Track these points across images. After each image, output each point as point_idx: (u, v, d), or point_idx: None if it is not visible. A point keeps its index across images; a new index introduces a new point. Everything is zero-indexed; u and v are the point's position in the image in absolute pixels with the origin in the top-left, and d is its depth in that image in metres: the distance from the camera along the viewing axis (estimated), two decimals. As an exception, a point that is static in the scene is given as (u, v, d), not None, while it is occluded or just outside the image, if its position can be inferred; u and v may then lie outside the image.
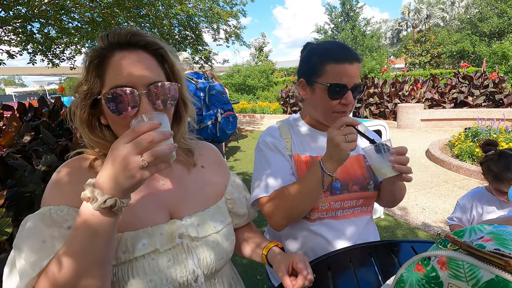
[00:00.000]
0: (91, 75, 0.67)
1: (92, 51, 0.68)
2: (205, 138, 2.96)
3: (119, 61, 0.66)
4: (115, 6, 5.33)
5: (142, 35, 0.69)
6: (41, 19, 4.88)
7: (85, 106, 0.69)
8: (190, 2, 7.78)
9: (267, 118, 13.29)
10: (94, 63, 0.67)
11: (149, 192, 0.77)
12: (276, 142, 1.11)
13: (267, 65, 21.98)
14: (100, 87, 0.68)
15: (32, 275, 0.59)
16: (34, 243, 0.61)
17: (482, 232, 0.48)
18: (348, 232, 1.09)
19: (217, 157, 0.97)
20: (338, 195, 1.06)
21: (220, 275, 0.86)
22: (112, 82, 0.66)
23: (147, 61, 0.69)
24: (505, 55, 15.30)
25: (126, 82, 0.65)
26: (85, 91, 0.68)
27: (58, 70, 8.00)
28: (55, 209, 0.66)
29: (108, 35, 0.68)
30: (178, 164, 0.85)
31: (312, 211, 1.05)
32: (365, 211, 1.14)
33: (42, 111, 4.41)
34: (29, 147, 3.03)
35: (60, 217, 0.65)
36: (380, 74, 14.83)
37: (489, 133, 5.53)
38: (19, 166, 2.47)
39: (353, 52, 1.00)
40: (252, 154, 7.66)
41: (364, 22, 29.03)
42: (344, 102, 0.98)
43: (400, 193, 1.13)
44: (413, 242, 0.99)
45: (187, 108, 0.82)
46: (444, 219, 3.41)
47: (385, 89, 10.53)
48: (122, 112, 0.66)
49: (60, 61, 6.65)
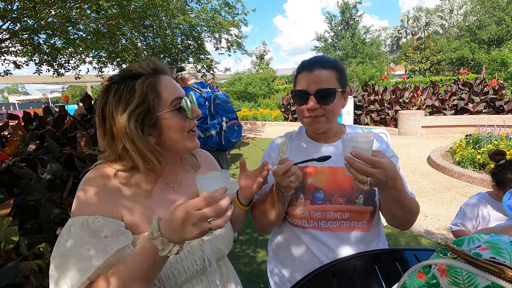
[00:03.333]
0: (150, 96, 0.80)
1: (144, 78, 0.81)
2: (211, 147, 3.00)
3: (166, 81, 0.84)
4: (119, 17, 5.44)
5: (165, 65, 0.88)
6: (48, 30, 4.98)
7: (143, 124, 0.80)
8: (193, 12, 7.93)
9: (269, 126, 13.35)
10: (150, 87, 0.81)
11: (166, 197, 0.89)
12: (271, 151, 1.24)
13: (268, 72, 22.17)
14: (159, 104, 0.81)
15: (82, 280, 0.68)
16: (80, 250, 0.70)
17: (479, 241, 0.50)
18: (334, 246, 1.06)
19: (211, 159, 1.14)
20: (320, 205, 1.07)
21: (223, 260, 1.03)
22: (169, 96, 0.83)
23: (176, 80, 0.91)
24: (504, 62, 15.39)
25: (178, 94, 0.85)
26: (145, 110, 0.80)
27: (61, 79, 8.11)
28: (91, 219, 0.74)
29: (149, 63, 0.84)
30: (187, 169, 0.99)
31: (292, 216, 1.11)
32: (357, 226, 1.07)
33: (47, 119, 4.47)
34: (34, 156, 3.06)
35: (97, 227, 0.73)
36: (381, 81, 14.92)
37: (490, 140, 5.55)
38: (25, 175, 2.50)
39: (320, 60, 1.07)
40: (254, 161, 7.67)
41: (363, 30, 29.35)
42: (308, 107, 1.04)
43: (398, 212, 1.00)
44: (416, 250, 1.01)
45: None
46: (447, 226, 3.41)
47: (385, 96, 10.59)
48: (183, 117, 0.84)
49: (65, 71, 6.75)
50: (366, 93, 11.03)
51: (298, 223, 1.11)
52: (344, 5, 28.63)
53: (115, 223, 0.77)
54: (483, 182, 4.47)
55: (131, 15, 5.34)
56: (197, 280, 0.89)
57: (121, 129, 0.79)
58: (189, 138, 0.87)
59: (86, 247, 0.71)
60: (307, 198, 1.08)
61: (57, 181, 2.71)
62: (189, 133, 0.87)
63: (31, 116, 4.35)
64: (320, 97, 1.03)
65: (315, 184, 1.10)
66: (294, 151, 1.20)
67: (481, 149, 5.22)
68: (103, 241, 0.72)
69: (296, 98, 1.09)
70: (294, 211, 1.09)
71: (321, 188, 1.08)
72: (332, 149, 1.15)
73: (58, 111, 4.70)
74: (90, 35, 5.89)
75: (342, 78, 1.09)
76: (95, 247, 0.71)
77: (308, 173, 1.12)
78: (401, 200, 0.94)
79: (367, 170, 0.79)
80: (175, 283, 0.83)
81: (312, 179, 1.11)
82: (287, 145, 1.22)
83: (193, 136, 0.89)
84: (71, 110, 7.05)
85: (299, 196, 1.09)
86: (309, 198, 1.08)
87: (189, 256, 0.85)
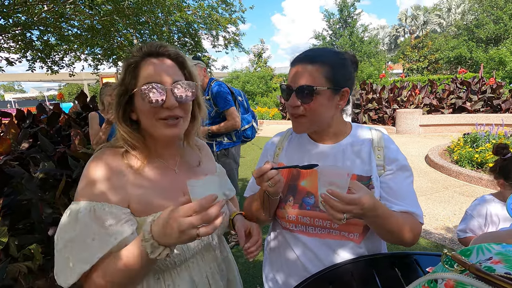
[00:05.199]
0: (128, 76, 0.84)
1: (129, 58, 0.86)
2: (247, 137, 3.18)
3: (150, 65, 0.84)
4: (114, 14, 5.34)
5: (168, 47, 0.87)
6: (40, 26, 4.89)
7: (122, 101, 0.85)
8: (190, 9, 7.84)
9: (266, 124, 13.31)
10: (130, 68, 0.84)
11: (167, 179, 0.92)
12: (270, 147, 1.21)
13: (266, 71, 22.11)
14: (135, 85, 0.84)
15: (84, 269, 0.72)
16: (85, 239, 0.74)
17: (490, 252, 0.46)
18: (321, 254, 1.01)
19: (208, 151, 1.17)
20: (308, 210, 1.01)
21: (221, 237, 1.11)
22: (145, 80, 0.82)
23: (171, 65, 0.87)
24: (502, 61, 15.44)
25: (156, 79, 0.82)
26: (123, 90, 0.85)
27: (57, 76, 8.01)
28: (98, 206, 0.77)
29: (143, 47, 0.86)
30: (190, 156, 1.02)
31: (280, 218, 1.08)
32: (347, 237, 1.00)
33: (40, 117, 4.40)
34: (26, 154, 3.00)
35: (103, 215, 0.76)
36: (379, 80, 14.90)
37: (488, 139, 5.54)
38: (16, 174, 2.44)
39: (310, 55, 0.99)
40: (251, 160, 7.63)
41: (362, 28, 29.31)
42: (288, 103, 0.99)
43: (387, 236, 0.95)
44: (416, 255, 0.97)
45: (201, 109, 0.97)
46: (445, 226, 3.39)
47: (383, 95, 10.58)
48: (153, 102, 0.81)
49: (59, 68, 6.65)
50: (364, 91, 11.02)
51: (286, 226, 1.07)
52: (342, 3, 28.57)
53: (120, 210, 0.79)
54: (481, 181, 4.46)
55: (126, 11, 5.25)
56: (200, 255, 0.96)
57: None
58: (162, 125, 0.85)
59: (91, 236, 0.74)
60: (296, 202, 1.03)
61: (50, 180, 2.65)
62: (162, 121, 0.85)
63: (25, 114, 4.29)
64: (301, 95, 0.95)
65: (307, 187, 1.04)
66: (291, 150, 1.14)
67: (479, 148, 5.21)
68: (108, 230, 0.75)
69: (282, 93, 1.05)
70: (282, 214, 1.05)
71: (313, 193, 1.02)
72: (330, 150, 1.07)
73: (52, 109, 4.63)
74: (85, 32, 5.80)
75: (334, 75, 0.96)
76: (99, 237, 0.74)
77: (301, 174, 1.06)
78: (386, 227, 0.89)
79: (344, 208, 0.77)
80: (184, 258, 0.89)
81: (305, 182, 1.05)
82: (285, 143, 1.16)
83: (169, 125, 0.85)
84: (67, 108, 6.98)
85: (289, 198, 1.04)
86: (299, 202, 1.03)
87: None
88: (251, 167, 1.99)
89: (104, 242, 0.74)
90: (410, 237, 0.93)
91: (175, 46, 0.93)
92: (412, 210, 0.96)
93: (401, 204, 0.97)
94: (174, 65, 0.88)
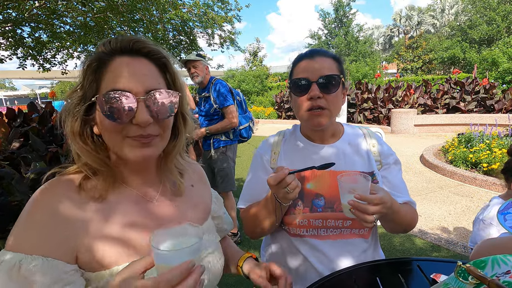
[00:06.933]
0: (87, 79, 0.64)
1: (91, 55, 0.65)
2: (243, 138, 3.14)
3: (119, 66, 0.63)
4: (108, 11, 5.26)
5: (145, 43, 0.67)
6: (32, 23, 4.79)
7: (78, 112, 0.64)
8: (185, 7, 7.76)
9: (262, 123, 13.27)
10: (92, 67, 0.64)
11: (139, 214, 0.71)
12: (263, 153, 1.14)
13: (261, 70, 22.04)
14: (96, 92, 0.63)
15: None
16: None
17: (507, 265, 0.44)
18: (333, 255, 1.00)
19: (203, 175, 0.95)
20: (320, 212, 0.99)
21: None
22: (109, 85, 0.62)
23: (148, 68, 0.66)
24: (495, 62, 15.62)
25: (124, 87, 0.62)
26: (80, 97, 0.65)
27: (49, 74, 7.88)
28: (26, 261, 0.56)
29: (111, 41, 0.66)
30: (171, 184, 0.80)
31: (290, 225, 1.02)
32: (357, 233, 1.02)
33: (32, 116, 4.30)
34: (17, 154, 2.93)
35: (30, 274, 0.55)
36: (374, 80, 14.97)
37: (482, 139, 5.59)
38: (6, 174, 2.38)
39: (320, 50, 1.02)
40: (247, 160, 7.62)
41: (357, 28, 29.44)
42: (311, 95, 0.95)
43: (397, 228, 1.02)
44: (419, 261, 0.95)
45: (186, 123, 0.77)
46: (441, 226, 3.40)
47: (378, 95, 10.62)
48: (117, 118, 0.61)
49: (51, 66, 6.53)
50: (359, 91, 11.05)
51: (296, 232, 1.03)
52: (338, 3, 28.67)
53: (58, 267, 0.58)
54: (475, 181, 4.50)
55: (120, 8, 5.17)
56: None
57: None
58: (130, 145, 0.64)
59: None
60: (306, 206, 1.00)
61: (42, 181, 2.59)
62: (131, 139, 0.64)
63: (15, 113, 4.19)
64: (323, 86, 0.94)
65: (314, 190, 1.01)
66: (289, 153, 1.10)
67: (473, 148, 5.25)
68: None
69: (295, 88, 0.98)
70: (292, 219, 1.01)
71: (322, 194, 1.00)
72: (331, 151, 1.06)
73: (44, 108, 4.54)
74: (77, 29, 5.70)
75: (342, 71, 1.02)
76: None
77: (306, 177, 1.03)
78: (398, 220, 0.95)
79: (374, 209, 0.78)
80: None
81: (311, 184, 1.02)
82: (280, 146, 1.12)
83: (140, 144, 0.64)
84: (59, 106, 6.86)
85: (298, 203, 1.01)
86: (309, 205, 1.00)
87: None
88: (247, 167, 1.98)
89: None
90: (413, 225, 1.02)
91: (156, 43, 0.70)
92: (410, 200, 1.06)
93: (401, 196, 1.04)
94: (153, 67, 0.67)
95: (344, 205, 0.82)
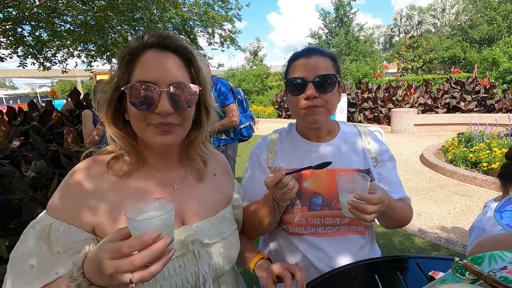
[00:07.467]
0: (120, 70, 0.72)
1: (125, 49, 0.73)
2: (244, 136, 3.14)
3: (147, 59, 0.71)
4: (108, 10, 5.25)
5: (173, 38, 0.73)
6: (32, 21, 4.78)
7: (112, 100, 0.74)
8: (185, 6, 7.76)
9: (262, 122, 13.27)
10: (125, 60, 0.72)
11: (162, 195, 0.78)
12: (260, 153, 1.13)
13: (261, 69, 22.03)
14: (127, 82, 0.71)
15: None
16: (23, 266, 0.63)
17: (503, 260, 0.44)
18: (331, 252, 1.01)
19: (227, 167, 1.01)
20: (318, 211, 1.00)
21: (225, 277, 0.89)
22: (138, 77, 0.70)
23: (173, 62, 0.73)
24: (496, 61, 15.61)
25: (150, 78, 0.69)
26: (114, 86, 0.73)
27: (50, 73, 7.89)
28: (55, 226, 0.66)
29: (144, 36, 0.73)
30: (193, 171, 0.87)
31: (289, 225, 1.03)
32: (355, 230, 1.03)
33: (32, 115, 4.32)
34: (18, 153, 2.94)
35: (54, 237, 0.65)
36: (374, 79, 14.96)
37: (482, 139, 5.59)
38: (7, 173, 2.38)
39: (316, 49, 1.02)
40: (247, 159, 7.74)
41: (357, 27, 29.41)
42: (307, 94, 0.96)
43: (393, 224, 1.04)
44: (418, 258, 0.95)
45: (209, 115, 0.83)
46: (440, 225, 3.41)
47: (379, 94, 10.62)
48: (141, 107, 0.69)
49: (51, 65, 6.53)
50: (359, 90, 11.05)
51: (294, 231, 1.04)
52: (338, 2, 28.62)
53: (76, 234, 0.67)
54: (475, 180, 4.50)
55: (120, 7, 5.17)
56: None
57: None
58: (153, 131, 0.72)
59: (31, 261, 0.63)
60: (304, 204, 1.01)
61: (42, 179, 2.60)
62: (153, 126, 0.71)
63: (16, 111, 4.20)
64: (319, 85, 0.95)
65: (312, 188, 1.02)
66: (285, 152, 1.11)
67: (473, 148, 5.25)
68: (53, 259, 0.64)
69: (291, 87, 0.99)
70: (290, 218, 1.02)
71: (319, 193, 1.01)
72: (328, 149, 1.07)
73: (45, 106, 4.54)
74: (78, 28, 5.69)
75: (338, 69, 1.02)
76: (40, 265, 0.63)
77: (303, 176, 1.04)
78: (395, 216, 0.97)
79: (373, 209, 0.78)
80: None
81: (308, 183, 1.03)
82: (277, 145, 1.12)
83: (161, 132, 0.71)
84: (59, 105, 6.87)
85: (296, 202, 1.02)
86: (307, 204, 1.01)
87: (180, 272, 0.72)
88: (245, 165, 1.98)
89: (43, 272, 0.62)
90: (408, 220, 1.04)
91: (182, 38, 0.76)
92: (405, 196, 1.07)
93: (396, 192, 1.05)
94: (179, 61, 0.74)
95: (343, 205, 0.83)
